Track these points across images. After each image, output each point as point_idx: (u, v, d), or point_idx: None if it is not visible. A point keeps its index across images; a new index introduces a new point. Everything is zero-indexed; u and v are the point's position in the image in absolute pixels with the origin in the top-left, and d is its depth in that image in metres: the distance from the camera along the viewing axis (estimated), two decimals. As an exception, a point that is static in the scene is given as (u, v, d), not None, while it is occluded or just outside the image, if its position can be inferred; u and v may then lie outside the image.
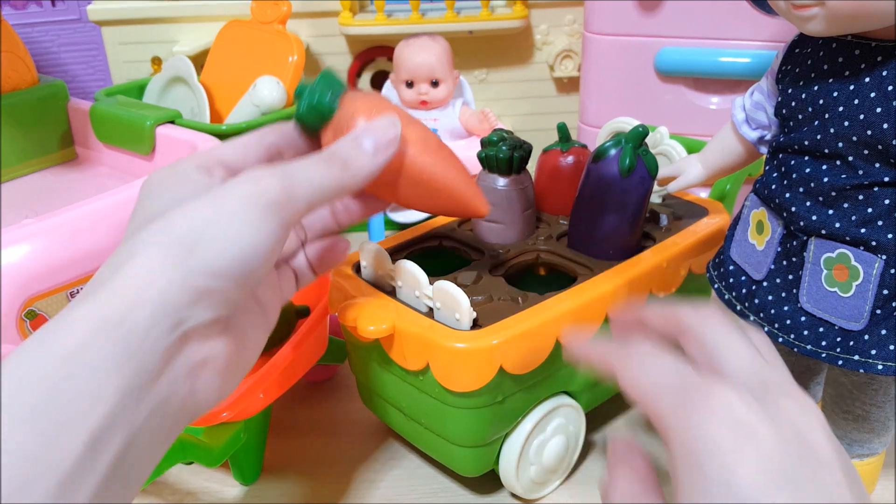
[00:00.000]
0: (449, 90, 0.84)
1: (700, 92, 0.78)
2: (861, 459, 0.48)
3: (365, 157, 0.34)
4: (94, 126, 0.79)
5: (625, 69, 0.79)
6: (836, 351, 0.41)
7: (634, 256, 0.50)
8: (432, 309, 0.45)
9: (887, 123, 0.37)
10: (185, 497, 0.51)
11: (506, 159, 0.52)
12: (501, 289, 0.47)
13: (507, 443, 0.47)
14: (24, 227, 0.52)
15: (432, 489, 0.51)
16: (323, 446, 0.56)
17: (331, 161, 0.33)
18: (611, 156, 0.49)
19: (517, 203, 0.53)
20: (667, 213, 0.56)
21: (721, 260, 0.49)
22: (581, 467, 0.53)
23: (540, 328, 0.44)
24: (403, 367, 0.45)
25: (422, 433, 0.49)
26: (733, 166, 0.51)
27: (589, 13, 0.79)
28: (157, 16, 0.92)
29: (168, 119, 0.74)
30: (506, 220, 0.53)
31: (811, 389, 0.53)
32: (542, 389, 0.47)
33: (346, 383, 0.62)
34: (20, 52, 0.81)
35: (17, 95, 0.80)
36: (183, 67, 0.85)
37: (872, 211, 0.39)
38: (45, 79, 0.84)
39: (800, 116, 0.42)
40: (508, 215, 0.53)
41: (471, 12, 0.93)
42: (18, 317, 0.50)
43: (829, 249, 0.41)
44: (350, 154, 0.34)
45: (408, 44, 0.84)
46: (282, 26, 0.85)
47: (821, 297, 0.41)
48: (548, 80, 0.99)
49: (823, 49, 0.41)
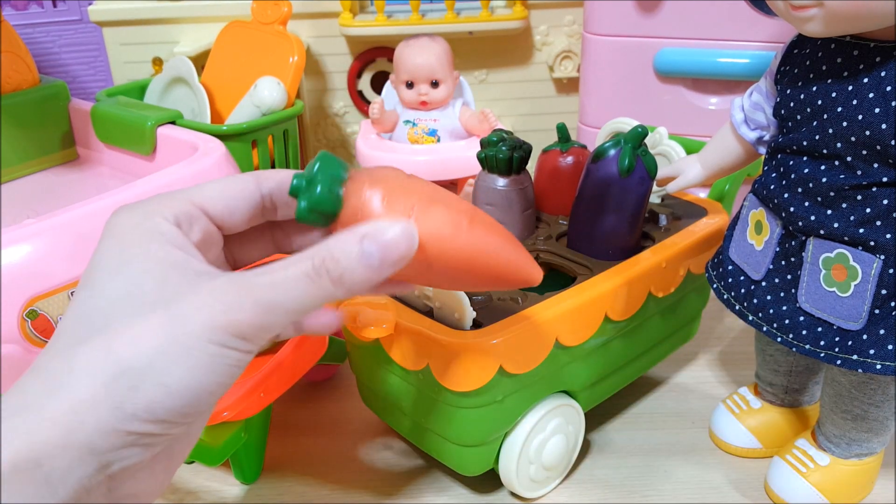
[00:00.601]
0: (449, 91, 0.84)
1: (699, 92, 0.78)
2: (860, 459, 0.48)
3: (365, 272, 0.27)
4: (95, 126, 0.79)
5: (624, 70, 0.79)
6: (835, 351, 0.41)
7: (633, 256, 0.51)
8: (432, 309, 0.45)
9: (885, 124, 0.38)
10: (185, 496, 0.51)
11: (505, 160, 0.52)
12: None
13: (507, 442, 0.47)
14: (24, 227, 0.52)
15: (432, 489, 0.51)
16: (323, 446, 0.56)
17: (320, 277, 0.27)
18: (610, 156, 0.49)
19: (517, 203, 0.53)
20: (666, 213, 0.56)
21: (720, 260, 0.49)
22: (580, 466, 0.53)
23: (540, 328, 0.44)
24: (403, 367, 0.46)
25: (422, 433, 0.49)
26: (732, 167, 0.51)
27: (588, 14, 0.79)
28: (158, 16, 0.93)
29: (169, 119, 0.74)
30: (505, 221, 0.53)
31: (810, 389, 0.53)
32: (541, 389, 0.47)
33: (347, 383, 0.62)
34: (21, 53, 0.81)
35: (19, 96, 0.80)
36: (184, 68, 0.85)
37: (871, 211, 0.39)
38: (46, 79, 0.84)
39: (798, 117, 0.42)
40: (508, 215, 0.53)
41: (471, 13, 0.93)
42: (20, 317, 0.50)
43: (828, 249, 0.41)
44: (347, 267, 0.27)
45: (408, 44, 0.84)
46: (282, 27, 0.85)
47: (819, 297, 0.41)
48: (547, 80, 0.99)
49: (822, 50, 0.41)
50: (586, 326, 0.47)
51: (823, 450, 0.49)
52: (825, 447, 0.48)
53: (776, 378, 0.53)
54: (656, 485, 0.51)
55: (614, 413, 0.58)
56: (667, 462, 0.53)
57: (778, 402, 0.54)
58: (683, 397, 0.60)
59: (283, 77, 0.82)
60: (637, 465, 0.53)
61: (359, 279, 0.27)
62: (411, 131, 0.85)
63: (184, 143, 0.70)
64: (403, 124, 0.85)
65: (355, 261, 0.27)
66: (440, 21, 0.91)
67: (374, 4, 0.93)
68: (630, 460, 0.53)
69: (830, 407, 0.47)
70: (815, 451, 0.49)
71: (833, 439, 0.48)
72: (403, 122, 0.85)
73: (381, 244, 0.27)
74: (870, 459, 0.48)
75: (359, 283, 0.27)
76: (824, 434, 0.48)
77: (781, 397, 0.53)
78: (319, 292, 0.27)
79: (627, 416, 0.58)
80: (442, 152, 0.82)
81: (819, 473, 0.48)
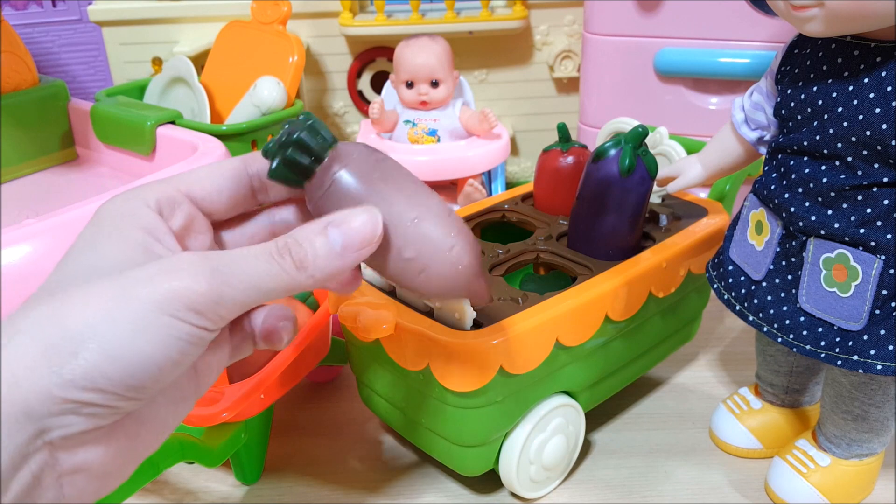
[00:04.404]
0: (449, 90, 0.84)
1: (699, 92, 0.78)
2: (860, 459, 0.48)
3: (328, 257, 0.27)
4: (95, 126, 0.80)
5: (624, 69, 0.79)
6: (835, 351, 0.41)
7: (634, 256, 0.51)
8: (432, 309, 0.45)
9: (886, 124, 0.38)
10: (185, 497, 0.51)
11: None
12: (501, 289, 0.47)
13: (507, 442, 0.47)
14: (24, 227, 0.52)
15: (432, 489, 0.51)
16: (324, 446, 0.56)
17: (282, 257, 0.27)
18: (610, 156, 0.49)
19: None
20: (666, 213, 0.56)
21: (720, 260, 0.49)
22: (581, 467, 0.53)
23: (540, 328, 0.44)
24: (403, 367, 0.46)
25: (422, 433, 0.49)
26: (733, 167, 0.51)
27: (589, 13, 0.79)
28: (157, 16, 0.93)
29: (168, 119, 0.74)
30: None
31: (811, 389, 0.53)
32: (541, 389, 0.47)
33: (349, 383, 0.62)
34: (21, 53, 0.81)
35: (18, 96, 0.80)
36: (183, 68, 0.85)
37: (871, 211, 0.39)
38: (45, 79, 0.84)
39: (799, 117, 0.42)
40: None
41: (471, 13, 0.93)
42: (19, 317, 0.50)
43: (829, 250, 0.41)
44: (309, 252, 0.27)
45: (408, 44, 0.84)
46: (282, 27, 0.85)
47: (820, 298, 0.41)
48: (547, 80, 0.99)
49: (822, 50, 0.41)
50: (586, 327, 0.47)
51: (824, 450, 0.48)
52: (825, 447, 0.48)
53: (777, 378, 0.53)
54: (657, 485, 0.51)
55: (615, 413, 0.58)
56: (667, 462, 0.53)
57: (778, 402, 0.54)
58: (684, 398, 0.60)
59: (283, 77, 0.82)
60: (637, 466, 0.53)
61: (322, 265, 0.27)
62: (411, 131, 0.85)
63: (183, 143, 0.70)
64: (403, 124, 0.85)
65: (319, 246, 0.27)
66: (440, 21, 0.91)
67: (374, 4, 0.93)
68: (630, 461, 0.53)
69: (831, 407, 0.47)
70: (815, 452, 0.49)
71: (833, 440, 0.48)
72: (403, 121, 0.85)
73: (345, 231, 0.28)
74: (870, 460, 0.48)
75: (322, 268, 0.27)
76: (825, 434, 0.48)
77: (782, 398, 0.53)
78: (280, 274, 0.26)
79: (628, 416, 0.58)
80: (442, 152, 0.82)
81: (819, 474, 0.48)
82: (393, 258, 0.30)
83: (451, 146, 0.83)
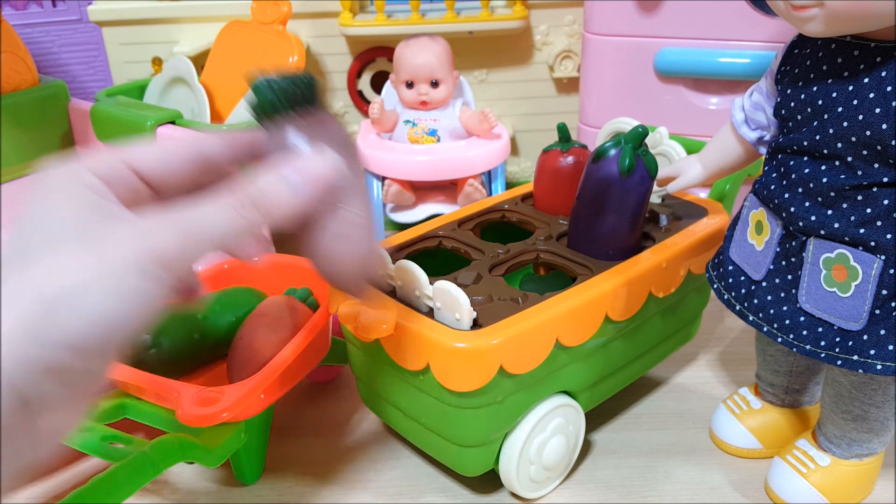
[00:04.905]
0: (449, 90, 0.84)
1: (699, 92, 0.78)
2: (860, 459, 0.48)
3: (287, 195, 0.30)
4: (95, 126, 0.79)
5: (624, 69, 0.79)
6: (835, 351, 0.41)
7: (634, 257, 0.51)
8: (432, 309, 0.45)
9: (886, 124, 0.38)
10: (185, 497, 0.51)
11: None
12: (501, 289, 0.47)
13: (508, 442, 0.47)
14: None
15: (432, 489, 0.51)
16: (324, 446, 0.56)
17: (244, 206, 0.28)
18: (610, 156, 0.49)
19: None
20: (666, 213, 0.56)
21: (720, 260, 0.49)
22: (581, 467, 0.53)
23: (540, 328, 0.44)
24: (404, 367, 0.46)
25: (422, 433, 0.49)
26: (733, 167, 0.51)
27: (589, 13, 0.79)
28: (157, 16, 0.93)
29: (169, 119, 0.74)
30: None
31: (811, 389, 0.53)
32: (541, 389, 0.47)
33: (350, 383, 0.62)
34: (21, 53, 0.81)
35: (18, 96, 0.80)
36: (183, 68, 0.85)
37: (871, 211, 0.39)
38: (45, 79, 0.84)
39: (799, 117, 0.42)
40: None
41: (471, 13, 0.93)
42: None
43: (829, 250, 0.41)
44: (269, 193, 0.29)
45: (408, 44, 0.84)
46: (282, 27, 0.85)
47: (820, 298, 0.41)
48: (548, 80, 0.99)
49: (822, 50, 0.41)
50: (587, 327, 0.47)
51: (824, 450, 0.48)
52: (825, 447, 0.48)
53: (777, 378, 0.53)
54: (657, 485, 0.51)
55: (615, 413, 0.58)
56: (667, 462, 0.53)
57: (778, 402, 0.54)
58: (684, 398, 0.60)
59: (283, 77, 0.82)
60: (637, 466, 0.53)
61: (283, 203, 0.29)
62: (411, 131, 0.85)
63: (183, 143, 0.70)
64: (403, 124, 0.85)
65: (278, 185, 0.29)
66: (440, 21, 0.91)
67: (374, 4, 0.93)
68: (630, 461, 0.53)
69: (831, 407, 0.47)
70: (815, 452, 0.49)
71: (833, 440, 0.48)
72: (403, 121, 0.85)
73: (303, 169, 0.30)
74: (870, 460, 0.48)
75: (281, 207, 0.29)
76: (825, 434, 0.48)
77: (782, 398, 0.53)
78: (242, 221, 0.28)
79: (628, 416, 0.58)
80: (442, 152, 0.82)
81: (819, 474, 0.48)
82: (322, 229, 0.33)
83: (451, 146, 0.83)
